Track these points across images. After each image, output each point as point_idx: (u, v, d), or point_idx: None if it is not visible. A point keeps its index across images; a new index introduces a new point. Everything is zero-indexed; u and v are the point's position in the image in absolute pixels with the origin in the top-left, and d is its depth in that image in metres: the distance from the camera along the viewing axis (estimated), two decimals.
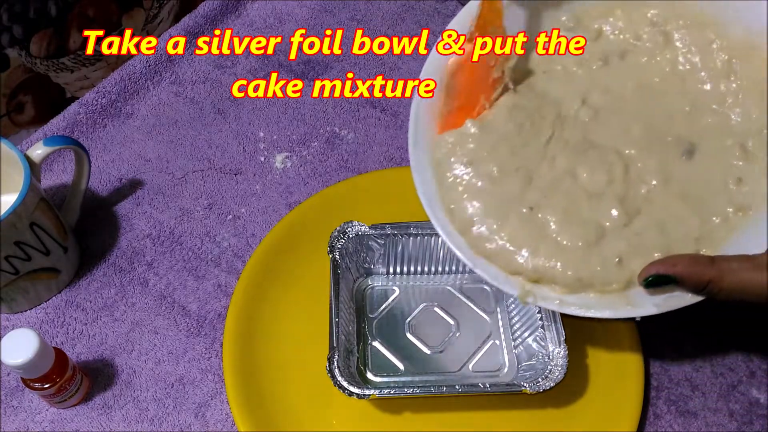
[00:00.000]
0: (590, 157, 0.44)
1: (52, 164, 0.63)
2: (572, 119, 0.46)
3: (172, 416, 0.51)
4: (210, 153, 0.65)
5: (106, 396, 0.51)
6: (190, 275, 0.57)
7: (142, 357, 0.53)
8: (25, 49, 0.65)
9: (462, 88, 0.45)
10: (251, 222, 0.60)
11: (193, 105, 0.68)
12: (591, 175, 0.43)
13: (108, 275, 0.57)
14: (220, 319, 0.55)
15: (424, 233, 0.53)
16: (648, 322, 0.53)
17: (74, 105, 0.66)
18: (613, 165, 0.43)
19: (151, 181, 0.63)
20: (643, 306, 0.41)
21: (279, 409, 0.50)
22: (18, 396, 0.51)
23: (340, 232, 0.52)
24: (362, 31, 0.73)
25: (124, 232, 0.60)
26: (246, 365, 0.51)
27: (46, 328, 0.54)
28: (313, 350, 0.51)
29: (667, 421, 0.50)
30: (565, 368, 0.46)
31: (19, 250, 0.50)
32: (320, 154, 0.65)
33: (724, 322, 0.54)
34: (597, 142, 0.45)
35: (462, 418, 0.49)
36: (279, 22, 0.75)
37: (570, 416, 0.49)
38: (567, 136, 0.45)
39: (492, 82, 0.45)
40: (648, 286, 0.40)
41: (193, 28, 0.72)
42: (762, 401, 0.51)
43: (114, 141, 0.66)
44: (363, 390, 0.45)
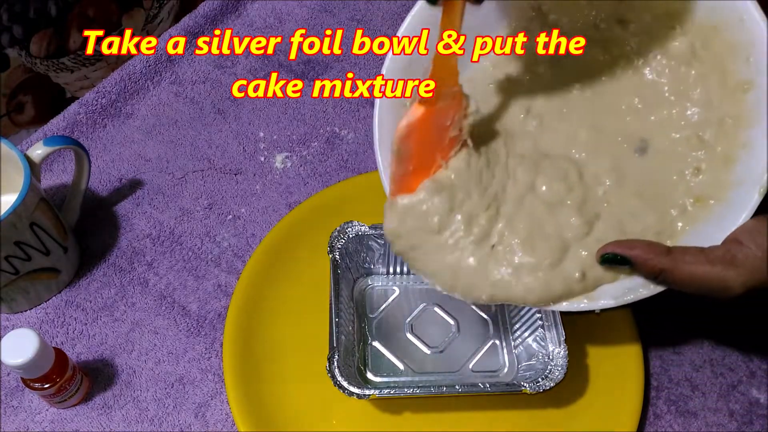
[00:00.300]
0: (545, 168, 0.43)
1: (52, 164, 0.63)
2: (520, 131, 0.45)
3: (172, 416, 0.51)
4: (210, 153, 0.65)
5: (106, 396, 0.51)
6: (190, 275, 0.57)
7: (142, 357, 0.53)
8: (25, 49, 0.66)
9: (414, 152, 0.40)
10: (251, 222, 0.60)
11: (193, 105, 0.68)
12: (549, 186, 0.43)
13: (108, 275, 0.57)
14: (220, 319, 0.55)
15: None
16: (648, 322, 0.53)
17: (74, 105, 0.66)
18: (568, 172, 0.43)
19: (151, 181, 0.63)
20: (601, 298, 0.41)
21: (279, 409, 0.50)
22: (18, 396, 0.51)
23: (340, 232, 0.52)
24: (362, 31, 0.73)
25: (124, 232, 0.60)
26: (246, 365, 0.51)
27: (46, 328, 0.54)
28: (313, 350, 0.51)
29: (667, 421, 0.50)
30: (565, 368, 0.46)
31: (19, 250, 0.50)
32: (320, 154, 0.65)
33: (724, 322, 0.54)
34: (548, 150, 0.44)
35: (462, 418, 0.49)
36: (279, 22, 0.75)
37: (570, 416, 0.49)
38: (520, 149, 0.44)
39: (449, 142, 0.41)
40: (603, 263, 0.40)
41: (193, 28, 0.72)
42: (762, 401, 0.51)
43: (114, 141, 0.66)
44: (363, 390, 0.45)
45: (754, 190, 0.39)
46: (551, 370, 0.46)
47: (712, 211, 0.41)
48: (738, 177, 0.40)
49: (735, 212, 0.40)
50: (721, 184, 0.41)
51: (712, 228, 0.40)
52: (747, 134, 0.40)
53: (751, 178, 0.40)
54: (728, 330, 0.54)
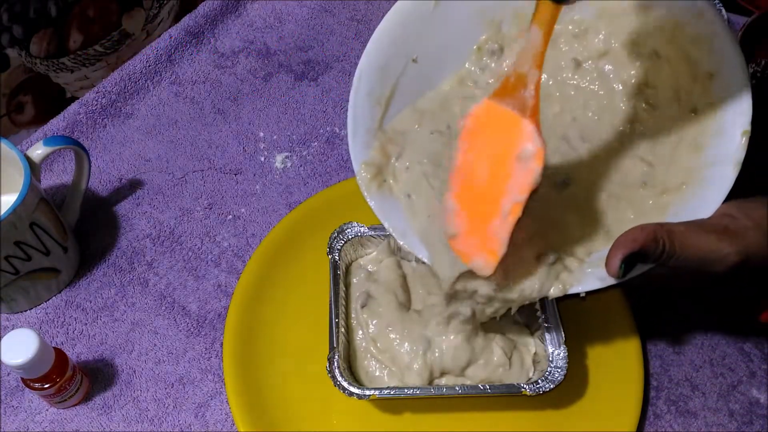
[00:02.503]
0: None
1: (52, 164, 0.63)
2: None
3: (172, 416, 0.51)
4: (210, 153, 0.65)
5: (106, 396, 0.51)
6: (190, 275, 0.57)
7: (142, 357, 0.53)
8: (25, 49, 0.65)
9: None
10: (251, 222, 0.60)
11: (193, 105, 0.68)
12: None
13: (108, 275, 0.57)
14: (220, 319, 0.55)
15: None
16: (648, 322, 0.53)
17: (74, 105, 0.66)
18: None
19: (151, 181, 0.63)
20: (587, 281, 0.41)
21: (279, 409, 0.50)
22: (18, 396, 0.51)
23: (339, 233, 0.52)
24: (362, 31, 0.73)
25: (124, 232, 0.60)
26: (246, 365, 0.51)
27: (46, 328, 0.54)
28: (313, 350, 0.51)
29: (667, 421, 0.50)
30: (565, 370, 0.46)
31: (19, 250, 0.50)
32: (320, 154, 0.65)
33: (724, 322, 0.54)
34: None
35: (462, 419, 0.49)
36: (279, 22, 0.75)
37: (570, 417, 0.49)
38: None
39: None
40: (626, 274, 0.39)
41: (193, 28, 0.72)
42: (762, 401, 0.51)
43: (114, 141, 0.66)
44: (363, 390, 0.45)
45: (729, 166, 0.40)
46: (551, 371, 0.46)
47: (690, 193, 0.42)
48: (710, 159, 0.41)
49: (715, 188, 0.40)
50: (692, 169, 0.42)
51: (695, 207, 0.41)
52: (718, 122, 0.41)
53: (726, 156, 0.41)
54: (728, 330, 0.54)
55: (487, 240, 0.39)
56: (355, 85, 0.46)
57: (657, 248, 0.38)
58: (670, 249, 0.38)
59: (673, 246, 0.38)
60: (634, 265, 0.39)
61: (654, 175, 0.44)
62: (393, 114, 0.47)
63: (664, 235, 0.38)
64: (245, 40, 0.73)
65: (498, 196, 0.38)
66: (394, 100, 0.47)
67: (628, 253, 0.38)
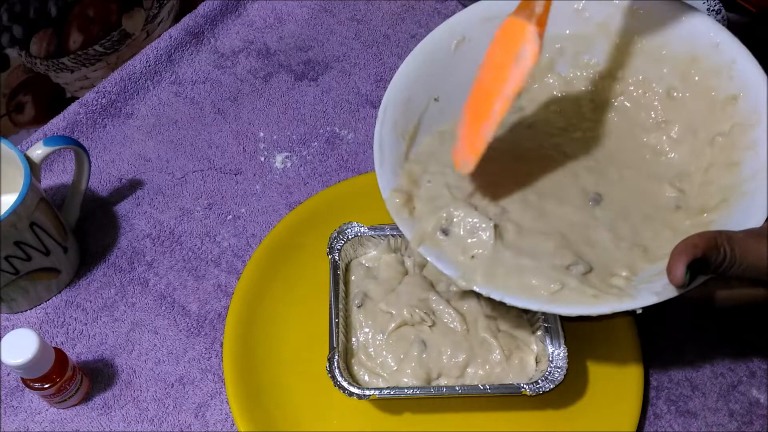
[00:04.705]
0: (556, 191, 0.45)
1: (52, 164, 0.63)
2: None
3: (172, 416, 0.51)
4: (210, 153, 0.65)
5: (106, 396, 0.51)
6: (190, 275, 0.57)
7: (142, 357, 0.53)
8: (25, 49, 0.65)
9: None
10: (251, 222, 0.60)
11: (193, 105, 0.68)
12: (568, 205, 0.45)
13: (108, 275, 0.57)
14: (220, 319, 0.55)
15: None
16: (648, 322, 0.53)
17: (74, 105, 0.66)
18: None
19: (151, 181, 0.63)
20: (642, 297, 0.39)
21: (279, 409, 0.50)
22: (18, 396, 0.51)
23: (339, 233, 0.52)
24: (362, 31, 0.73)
25: (124, 232, 0.60)
26: (246, 365, 0.51)
27: (46, 328, 0.54)
28: (313, 350, 0.51)
29: (667, 421, 0.50)
30: (565, 370, 0.46)
31: (19, 250, 0.50)
32: (320, 154, 0.65)
33: (724, 322, 0.54)
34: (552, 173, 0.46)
35: (462, 419, 0.49)
36: (279, 22, 0.75)
37: (570, 417, 0.49)
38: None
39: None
40: (691, 281, 0.37)
41: (193, 28, 0.72)
42: (762, 401, 0.51)
43: (114, 141, 0.66)
44: (363, 390, 0.45)
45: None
46: (551, 371, 0.46)
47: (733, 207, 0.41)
48: (749, 173, 0.41)
49: (759, 198, 0.40)
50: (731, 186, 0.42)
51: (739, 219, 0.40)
52: (750, 137, 0.42)
53: (764, 167, 0.40)
54: (728, 330, 0.54)
55: (475, 140, 0.40)
56: (381, 116, 0.46)
57: (718, 255, 0.36)
58: (731, 256, 0.36)
59: (734, 253, 0.36)
60: (697, 275, 0.37)
61: (686, 199, 0.44)
62: (416, 149, 0.47)
63: (725, 241, 0.36)
64: (245, 40, 0.73)
65: (494, 99, 0.39)
66: (418, 136, 0.47)
67: (692, 259, 0.36)
